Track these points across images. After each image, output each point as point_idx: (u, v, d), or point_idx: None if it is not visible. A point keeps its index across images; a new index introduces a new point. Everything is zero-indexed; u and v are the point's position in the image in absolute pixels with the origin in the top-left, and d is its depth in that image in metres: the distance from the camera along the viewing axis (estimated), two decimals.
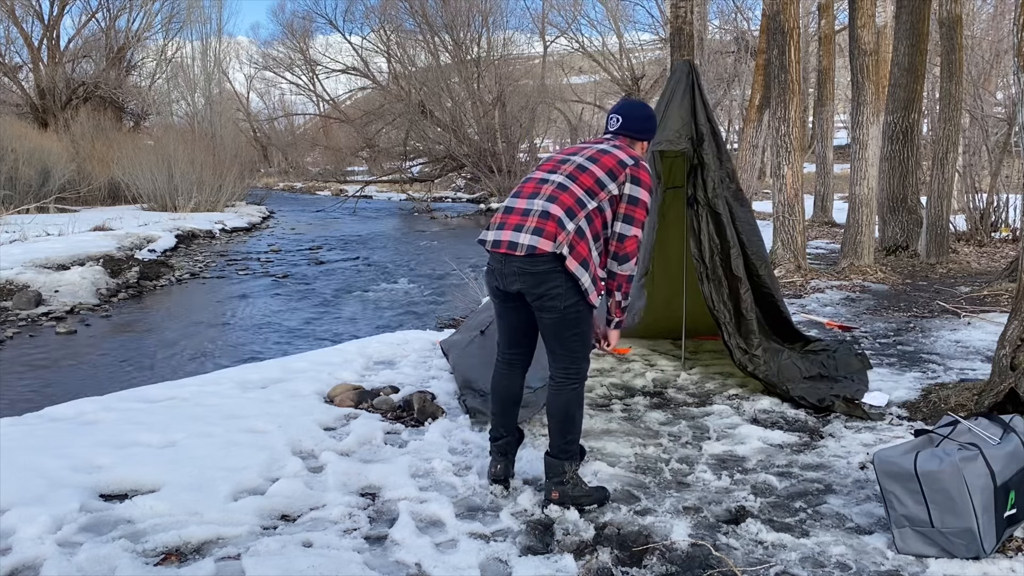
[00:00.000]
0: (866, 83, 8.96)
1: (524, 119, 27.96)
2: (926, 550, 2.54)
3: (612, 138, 3.15)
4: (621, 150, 3.02)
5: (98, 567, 2.48)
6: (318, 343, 7.15)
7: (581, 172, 2.94)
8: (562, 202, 2.86)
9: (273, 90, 50.05)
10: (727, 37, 26.63)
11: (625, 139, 3.16)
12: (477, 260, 13.21)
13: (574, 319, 2.87)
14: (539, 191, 2.93)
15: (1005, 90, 16.00)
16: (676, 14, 8.20)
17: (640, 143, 3.21)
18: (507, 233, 2.87)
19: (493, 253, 2.93)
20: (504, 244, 2.86)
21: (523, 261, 2.82)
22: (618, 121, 3.18)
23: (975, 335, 5.73)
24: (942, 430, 2.70)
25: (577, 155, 3.04)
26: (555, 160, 3.09)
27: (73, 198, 18.83)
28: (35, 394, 5.68)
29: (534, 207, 2.88)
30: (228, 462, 3.30)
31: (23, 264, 9.52)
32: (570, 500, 2.96)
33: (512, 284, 2.88)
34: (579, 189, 2.90)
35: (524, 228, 2.83)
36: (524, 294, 2.89)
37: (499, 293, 2.99)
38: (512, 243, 2.84)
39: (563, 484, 2.96)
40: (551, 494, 2.96)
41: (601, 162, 2.96)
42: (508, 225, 2.89)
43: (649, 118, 3.24)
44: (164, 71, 29.83)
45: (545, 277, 2.81)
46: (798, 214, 8.43)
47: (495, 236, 2.91)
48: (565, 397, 2.96)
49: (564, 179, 2.94)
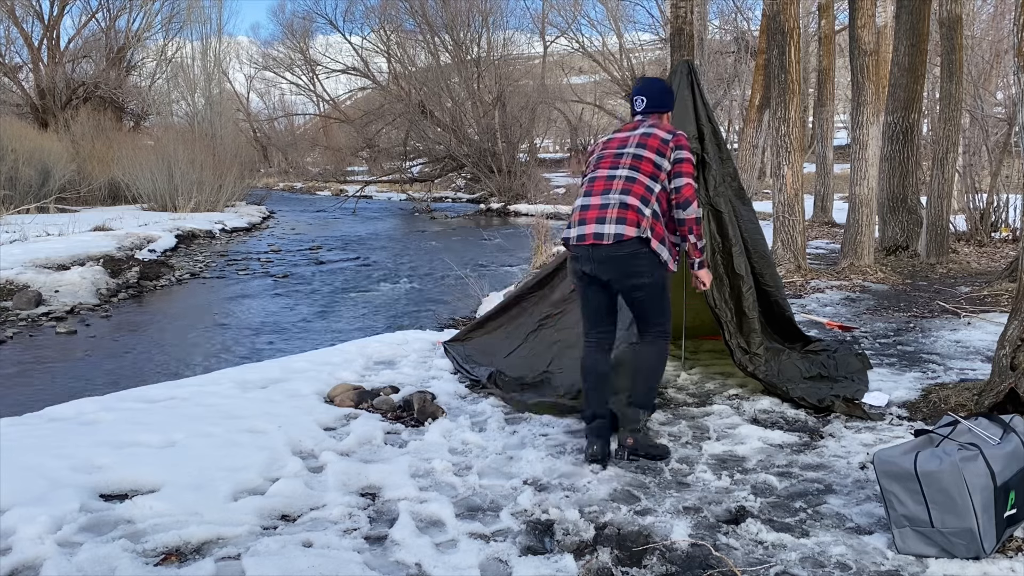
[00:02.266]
0: (866, 83, 8.95)
1: (524, 119, 27.94)
2: (926, 550, 2.54)
3: (644, 118, 3.53)
4: (658, 128, 3.42)
5: (98, 567, 2.48)
6: (318, 343, 7.15)
7: (640, 161, 3.35)
8: (635, 192, 3.27)
9: (273, 90, 50.12)
10: (727, 37, 26.64)
11: (655, 115, 3.54)
12: (477, 260, 13.22)
13: (661, 289, 3.36)
14: (611, 187, 3.31)
15: (1005, 90, 16.00)
16: (676, 14, 8.20)
17: (666, 114, 3.60)
18: (591, 227, 3.26)
19: (579, 246, 3.30)
20: (590, 236, 3.25)
21: (610, 248, 3.21)
22: (643, 101, 3.54)
23: (975, 335, 5.73)
24: (942, 430, 2.70)
25: (628, 146, 3.41)
26: (609, 156, 3.44)
27: (73, 198, 18.83)
28: (35, 394, 5.67)
29: (611, 201, 3.26)
30: (228, 462, 3.30)
31: (23, 264, 9.52)
32: (642, 448, 3.39)
33: (603, 271, 3.27)
34: (645, 177, 3.31)
35: (607, 220, 3.23)
36: (611, 279, 3.29)
37: (585, 278, 3.37)
38: (598, 234, 3.23)
39: (637, 431, 3.39)
40: (627, 440, 3.37)
41: (649, 145, 3.37)
42: (589, 220, 3.27)
43: (668, 91, 3.63)
44: (164, 71, 29.83)
45: (631, 259, 3.23)
46: (798, 214, 8.43)
47: (578, 231, 3.30)
48: (656, 349, 3.44)
49: (629, 172, 3.33)
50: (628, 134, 3.49)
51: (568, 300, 4.71)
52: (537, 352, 4.64)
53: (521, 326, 4.87)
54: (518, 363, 4.65)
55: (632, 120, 3.61)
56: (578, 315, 4.36)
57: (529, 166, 28.11)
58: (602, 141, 3.60)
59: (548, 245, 10.39)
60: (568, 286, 4.74)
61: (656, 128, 3.43)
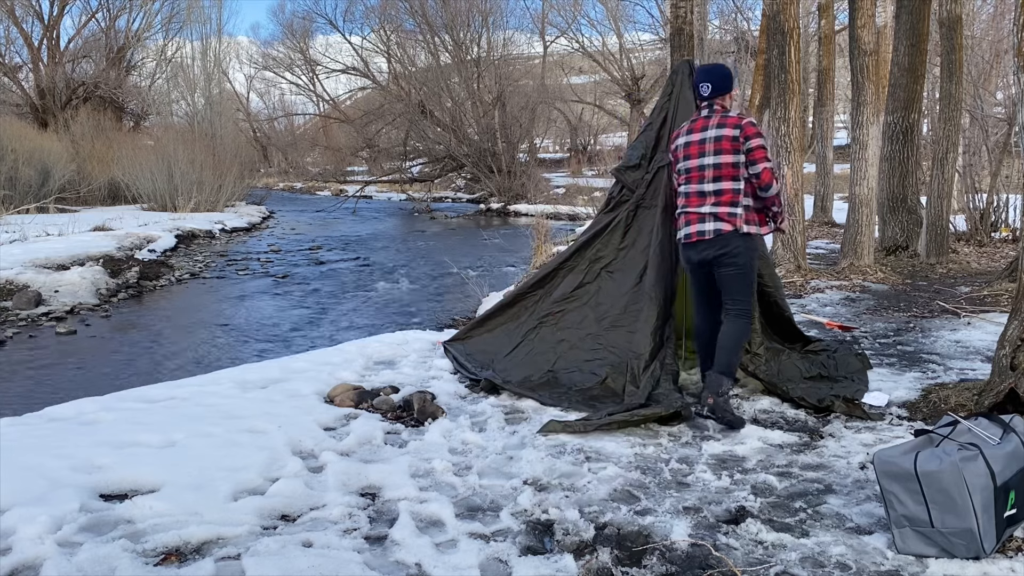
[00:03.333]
0: (866, 83, 8.95)
1: (524, 119, 27.94)
2: (926, 550, 2.54)
3: (709, 106, 4.02)
4: (725, 127, 3.89)
5: (98, 567, 2.48)
6: (318, 343, 7.15)
7: (719, 169, 3.90)
8: (724, 200, 3.89)
9: (273, 90, 50.12)
10: (727, 37, 26.63)
11: (718, 99, 4.00)
12: (477, 260, 13.22)
13: (749, 270, 3.97)
14: (704, 202, 3.94)
15: (1005, 90, 15.98)
16: (676, 14, 8.20)
17: (729, 95, 4.04)
18: (694, 226, 3.96)
19: (687, 243, 4.02)
20: (694, 235, 3.96)
21: (710, 241, 3.91)
22: (708, 88, 4.00)
23: (975, 335, 5.73)
24: (942, 430, 2.70)
25: (706, 155, 3.93)
26: (695, 168, 3.97)
27: (73, 198, 18.83)
28: (35, 394, 5.68)
29: (705, 210, 3.92)
30: (228, 462, 3.30)
31: (23, 264, 9.52)
32: (720, 410, 3.86)
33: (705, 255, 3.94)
34: (730, 183, 3.89)
35: (706, 220, 3.92)
36: (712, 262, 3.93)
37: (693, 263, 4.05)
38: (700, 232, 3.94)
39: (719, 395, 3.86)
40: (708, 400, 3.87)
41: (724, 148, 3.88)
42: (692, 223, 3.98)
43: (728, 76, 4.05)
44: (164, 71, 29.83)
45: (726, 245, 3.88)
46: (798, 214, 8.43)
47: (685, 231, 4.02)
48: (739, 325, 3.97)
49: (714, 184, 3.92)
50: (702, 136, 3.96)
51: (569, 299, 4.70)
52: (539, 351, 4.64)
53: (522, 324, 4.86)
54: (520, 362, 4.64)
55: (698, 104, 4.10)
56: (582, 314, 4.50)
57: (529, 166, 28.10)
58: (681, 146, 4.07)
59: (548, 245, 10.39)
60: (570, 285, 4.74)
61: (725, 126, 3.88)
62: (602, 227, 4.77)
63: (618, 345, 4.38)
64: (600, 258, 4.70)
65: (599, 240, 4.74)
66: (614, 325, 4.48)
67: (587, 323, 4.57)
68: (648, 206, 4.58)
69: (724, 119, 3.93)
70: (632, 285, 4.49)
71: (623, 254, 4.62)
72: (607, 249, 4.69)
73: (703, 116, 4.03)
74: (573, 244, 4.99)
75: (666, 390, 4.08)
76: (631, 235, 4.62)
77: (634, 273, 4.51)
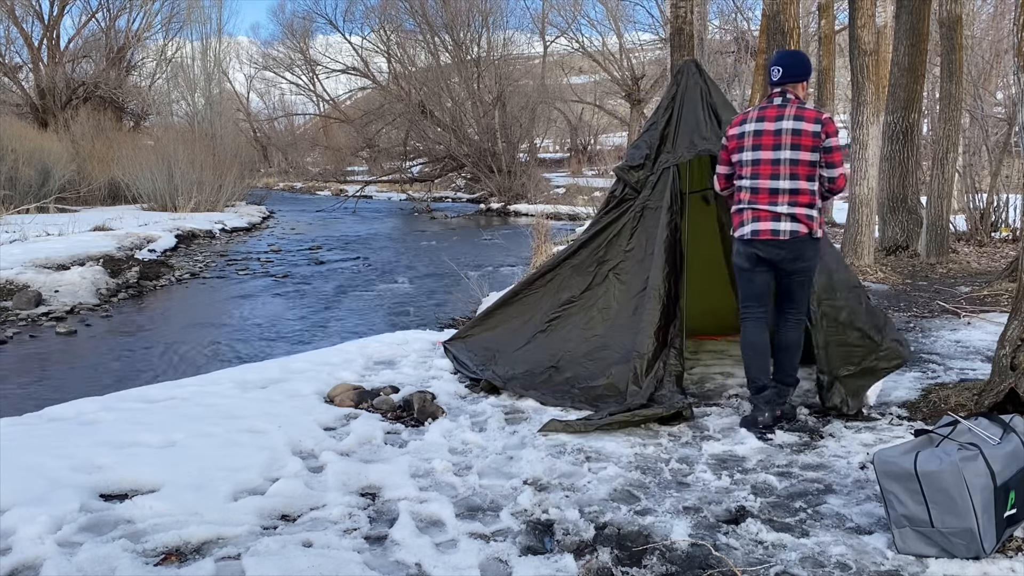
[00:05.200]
0: (866, 83, 8.95)
1: (524, 119, 27.93)
2: (926, 550, 2.54)
3: (782, 94, 3.74)
4: (804, 120, 3.63)
5: (98, 567, 2.48)
6: (318, 343, 7.15)
7: (796, 166, 3.66)
8: (801, 201, 3.66)
9: (273, 90, 50.05)
10: (727, 37, 26.63)
11: (790, 87, 3.74)
12: (477, 260, 13.22)
13: (813, 275, 3.84)
14: (778, 200, 3.68)
15: (1005, 90, 15.99)
16: (676, 14, 8.19)
17: (802, 84, 3.80)
18: (765, 224, 3.69)
19: (753, 240, 3.73)
20: (766, 232, 3.69)
21: (784, 243, 3.67)
22: (779, 72, 3.75)
23: (975, 335, 5.73)
24: (942, 430, 2.70)
25: (782, 148, 3.65)
26: (767, 161, 3.69)
27: (73, 198, 18.82)
28: (35, 394, 5.68)
29: (780, 209, 3.67)
30: (228, 462, 3.30)
31: (23, 264, 9.52)
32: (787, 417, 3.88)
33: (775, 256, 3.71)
34: (806, 183, 3.66)
35: (781, 219, 3.67)
36: (781, 265, 3.74)
37: (754, 263, 3.78)
38: (774, 230, 3.68)
39: (784, 404, 3.88)
40: (775, 411, 3.83)
41: (803, 145, 3.63)
42: (763, 219, 3.70)
43: (805, 63, 3.84)
44: (164, 71, 29.81)
45: (801, 251, 3.69)
46: None
47: (752, 227, 3.73)
48: (798, 332, 3.90)
49: (791, 182, 3.67)
50: (776, 126, 3.68)
51: (576, 302, 4.67)
52: (544, 350, 4.61)
53: (527, 324, 4.82)
54: (522, 360, 4.61)
55: (769, 91, 3.82)
56: (590, 316, 4.49)
57: (529, 166, 28.08)
58: (749, 133, 3.74)
59: (548, 245, 10.38)
60: (578, 287, 4.70)
61: (804, 119, 3.63)
62: (605, 226, 4.74)
63: (623, 344, 4.36)
64: (607, 260, 4.66)
65: (605, 241, 4.70)
66: (620, 326, 4.45)
67: (593, 324, 4.55)
68: (654, 207, 4.56)
69: (801, 111, 3.66)
70: (640, 288, 4.45)
71: (630, 256, 4.59)
72: (614, 251, 4.65)
73: (775, 104, 3.72)
74: (575, 242, 4.97)
75: (669, 391, 4.07)
76: (637, 237, 4.59)
77: (641, 276, 4.48)
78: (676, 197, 4.48)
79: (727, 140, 3.88)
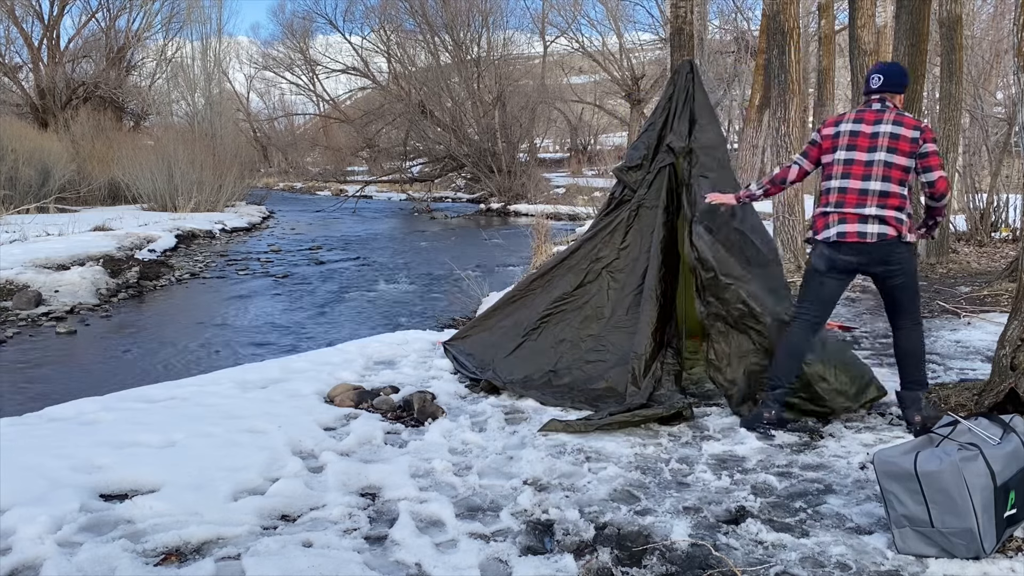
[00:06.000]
0: None
1: (524, 119, 27.92)
2: (926, 550, 2.54)
3: (881, 100, 3.71)
4: (903, 126, 3.61)
5: (98, 567, 2.48)
6: (318, 343, 7.15)
7: (889, 168, 3.61)
8: (891, 204, 3.60)
9: (273, 90, 50.04)
10: (727, 37, 26.62)
11: (889, 95, 3.72)
12: (477, 260, 13.21)
13: (915, 276, 3.74)
14: (866, 201, 3.61)
15: (1005, 90, 15.99)
16: (676, 14, 8.19)
17: (900, 95, 3.78)
18: (852, 226, 3.62)
19: (839, 243, 3.65)
20: (853, 235, 3.62)
21: (872, 246, 3.61)
22: (879, 79, 3.72)
23: (975, 335, 5.73)
24: (942, 430, 2.70)
25: (878, 149, 3.62)
26: (860, 162, 3.65)
27: (73, 198, 18.82)
28: (35, 394, 5.67)
29: (868, 212, 3.60)
30: (228, 462, 3.30)
31: (23, 264, 9.52)
32: (930, 422, 3.53)
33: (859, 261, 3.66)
34: (896, 186, 3.60)
35: (868, 222, 3.60)
36: (869, 271, 3.70)
37: (829, 267, 3.72)
38: (861, 233, 3.61)
39: (922, 410, 3.78)
40: (915, 418, 3.76)
41: (900, 149, 3.60)
42: (850, 222, 3.63)
43: (904, 73, 3.81)
44: (164, 71, 29.79)
45: (888, 255, 3.62)
46: (798, 214, 8.43)
47: (838, 230, 3.65)
48: (919, 334, 3.82)
49: (882, 184, 3.61)
50: (874, 129, 3.65)
51: (570, 299, 4.69)
52: (540, 351, 4.63)
53: (521, 323, 4.84)
54: (520, 362, 4.63)
55: (867, 97, 3.77)
56: (583, 314, 4.47)
57: (529, 166, 28.08)
58: (845, 133, 3.71)
59: (548, 245, 10.38)
60: (570, 284, 4.72)
61: (903, 125, 3.61)
62: (602, 227, 4.76)
63: (620, 345, 4.37)
64: (601, 258, 4.68)
65: (600, 240, 4.73)
66: (616, 326, 4.47)
67: (588, 323, 4.57)
68: (650, 206, 4.57)
69: (901, 117, 3.65)
70: (634, 286, 4.48)
71: (624, 254, 4.61)
72: (608, 249, 4.68)
73: (874, 109, 3.70)
74: (573, 243, 4.98)
75: (668, 391, 4.07)
76: (632, 235, 4.61)
77: (636, 274, 4.50)
78: (672, 196, 4.49)
79: (821, 139, 3.82)
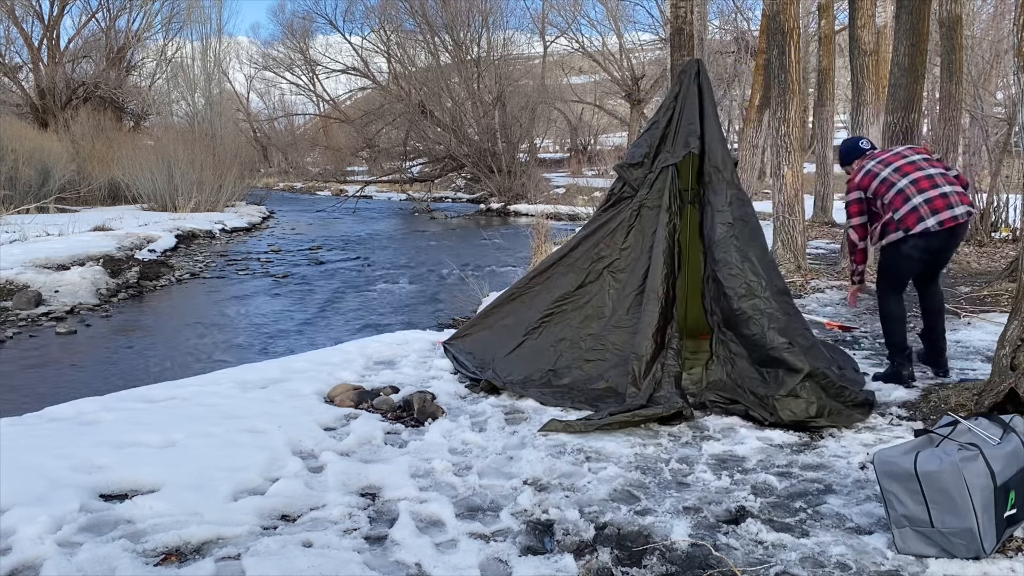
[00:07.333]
0: (866, 83, 8.96)
1: (524, 119, 27.90)
2: (926, 550, 2.54)
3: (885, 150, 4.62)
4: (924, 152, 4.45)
5: (98, 567, 2.48)
6: (318, 343, 7.14)
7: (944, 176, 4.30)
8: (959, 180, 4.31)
9: (273, 90, 50.07)
10: (727, 37, 26.63)
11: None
12: (477, 260, 13.21)
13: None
14: (936, 182, 4.23)
15: (1005, 90, 15.98)
16: (676, 14, 8.20)
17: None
18: (945, 213, 4.16)
19: (939, 231, 4.16)
20: (949, 220, 4.15)
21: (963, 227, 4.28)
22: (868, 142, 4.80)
23: (975, 335, 5.73)
24: (942, 430, 2.70)
25: (925, 168, 4.31)
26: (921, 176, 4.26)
27: (73, 198, 18.82)
28: (35, 394, 5.67)
29: (946, 190, 4.20)
30: (228, 462, 3.30)
31: (23, 264, 9.52)
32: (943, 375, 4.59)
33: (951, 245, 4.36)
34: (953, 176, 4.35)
35: (954, 204, 4.17)
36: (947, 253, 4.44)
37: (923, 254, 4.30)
38: (953, 216, 4.16)
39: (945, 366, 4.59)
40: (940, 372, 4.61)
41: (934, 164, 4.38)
42: (941, 208, 4.16)
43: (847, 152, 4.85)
44: (164, 71, 29.81)
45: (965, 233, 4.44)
46: (798, 214, 8.43)
47: (936, 219, 4.16)
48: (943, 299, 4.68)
49: (939, 170, 4.30)
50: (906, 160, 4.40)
51: (570, 298, 4.68)
52: (540, 350, 4.63)
53: (521, 322, 4.83)
54: (520, 361, 4.62)
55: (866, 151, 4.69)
56: (583, 313, 4.47)
57: (529, 166, 28.05)
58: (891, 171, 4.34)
59: (548, 245, 10.37)
60: (572, 284, 4.70)
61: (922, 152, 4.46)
62: (602, 224, 4.75)
63: (620, 345, 4.37)
64: (602, 258, 4.67)
65: (601, 239, 4.71)
66: (616, 326, 4.46)
67: (589, 323, 4.56)
68: (651, 207, 4.56)
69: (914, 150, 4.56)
70: (635, 286, 4.46)
71: (626, 254, 4.60)
72: (609, 249, 4.66)
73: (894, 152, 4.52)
74: (572, 239, 4.97)
75: (668, 392, 4.07)
76: (634, 235, 4.60)
77: (637, 274, 4.49)
78: (675, 197, 4.48)
79: (866, 194, 4.44)
